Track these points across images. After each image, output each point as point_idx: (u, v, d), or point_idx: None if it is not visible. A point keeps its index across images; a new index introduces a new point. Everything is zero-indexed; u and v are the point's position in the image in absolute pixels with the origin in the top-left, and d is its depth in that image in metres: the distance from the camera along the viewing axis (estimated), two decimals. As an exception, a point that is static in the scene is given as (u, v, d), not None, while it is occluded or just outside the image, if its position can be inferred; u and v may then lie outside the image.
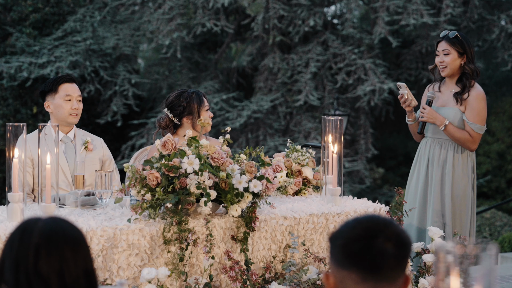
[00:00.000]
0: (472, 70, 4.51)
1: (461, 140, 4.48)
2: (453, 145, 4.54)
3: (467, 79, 4.51)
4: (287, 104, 12.29)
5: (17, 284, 1.74)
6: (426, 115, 4.52)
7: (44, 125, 3.35)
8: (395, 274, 1.77)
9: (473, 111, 4.49)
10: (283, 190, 3.88)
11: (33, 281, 1.73)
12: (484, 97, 4.55)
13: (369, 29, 12.49)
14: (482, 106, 4.51)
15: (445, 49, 4.53)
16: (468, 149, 4.52)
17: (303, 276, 3.27)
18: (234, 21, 13.02)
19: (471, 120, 4.48)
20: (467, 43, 4.53)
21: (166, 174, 3.09)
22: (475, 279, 1.61)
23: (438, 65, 4.57)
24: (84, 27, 12.38)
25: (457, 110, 4.51)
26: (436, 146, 4.57)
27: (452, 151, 4.53)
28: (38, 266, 1.73)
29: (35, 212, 3.26)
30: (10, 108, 11.98)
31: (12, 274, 1.74)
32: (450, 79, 4.60)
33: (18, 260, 1.74)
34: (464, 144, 4.49)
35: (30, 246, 1.75)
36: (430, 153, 4.58)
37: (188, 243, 3.09)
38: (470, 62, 4.52)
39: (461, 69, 4.54)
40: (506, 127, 12.71)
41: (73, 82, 4.11)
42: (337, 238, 1.81)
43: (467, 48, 4.51)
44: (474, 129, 4.47)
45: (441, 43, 4.58)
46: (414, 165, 4.70)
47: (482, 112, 4.52)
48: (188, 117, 4.13)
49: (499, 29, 12.06)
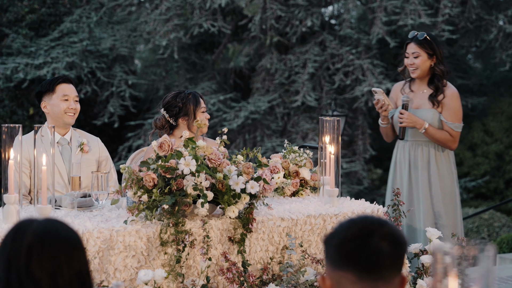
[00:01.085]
0: (442, 71, 4.56)
1: (442, 140, 4.52)
2: (433, 145, 4.58)
3: (438, 80, 4.56)
4: (285, 105, 12.28)
5: (8, 283, 1.72)
6: (405, 120, 4.54)
7: (39, 126, 3.34)
8: (391, 274, 1.78)
9: (450, 111, 4.55)
10: (280, 191, 3.88)
11: (24, 281, 1.72)
12: (459, 96, 4.61)
13: (367, 29, 12.48)
14: (458, 105, 4.57)
15: (414, 51, 4.56)
16: (449, 148, 4.58)
17: (300, 277, 3.27)
18: (231, 22, 13.01)
19: (450, 120, 4.53)
20: (436, 44, 4.57)
21: (162, 175, 3.09)
22: (473, 280, 1.62)
23: (408, 67, 4.60)
24: (81, 28, 12.35)
25: (434, 111, 4.55)
26: (417, 148, 4.60)
27: (434, 150, 4.58)
28: (29, 266, 1.72)
29: (31, 214, 3.25)
30: (6, 110, 11.94)
31: (4, 273, 1.73)
32: (420, 80, 4.63)
33: (10, 259, 1.73)
34: (445, 144, 4.54)
35: (22, 245, 1.74)
36: (411, 157, 4.61)
37: (185, 245, 3.09)
38: (440, 63, 4.57)
39: (431, 70, 4.57)
40: (505, 128, 12.71)
41: (70, 83, 4.10)
42: (332, 239, 1.82)
43: (437, 49, 4.55)
44: (453, 128, 4.53)
45: (410, 44, 4.60)
46: (394, 168, 4.73)
47: (459, 110, 4.58)
48: (184, 118, 4.12)
49: (497, 29, 12.06)
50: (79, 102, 4.14)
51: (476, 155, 12.64)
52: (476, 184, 12.32)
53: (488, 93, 13.42)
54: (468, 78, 13.28)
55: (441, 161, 4.57)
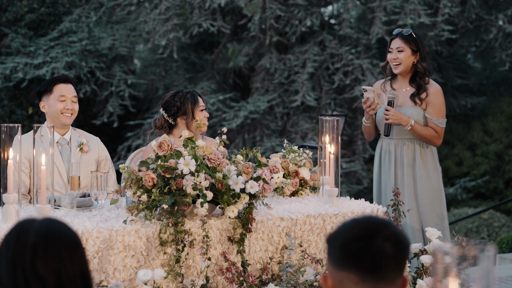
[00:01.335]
0: (425, 68, 4.58)
1: (427, 137, 4.54)
2: (418, 142, 4.59)
3: (420, 78, 4.57)
4: (284, 104, 12.27)
5: (15, 284, 1.74)
6: (391, 116, 4.54)
7: (39, 125, 3.34)
8: (394, 275, 1.77)
9: (435, 107, 4.56)
10: (280, 191, 3.87)
11: (31, 280, 1.73)
12: (442, 92, 4.65)
13: (366, 29, 12.47)
14: (441, 101, 4.59)
15: (399, 46, 4.58)
16: (434, 145, 4.60)
17: (300, 277, 3.26)
18: (231, 22, 13.00)
19: (434, 116, 4.55)
20: (420, 41, 4.61)
21: (162, 175, 3.08)
22: (474, 280, 1.61)
23: (391, 62, 4.61)
24: (80, 28, 12.34)
25: (419, 109, 4.57)
26: (402, 146, 4.60)
27: (419, 147, 4.60)
28: (35, 265, 1.74)
29: (30, 214, 3.24)
30: (6, 109, 11.94)
31: (9, 274, 1.74)
32: (402, 77, 4.64)
33: (15, 260, 1.74)
34: (430, 141, 4.56)
35: (27, 245, 1.75)
36: (397, 154, 4.60)
37: (184, 245, 3.08)
38: (423, 60, 4.58)
39: (414, 67, 4.59)
40: (504, 127, 12.70)
41: (69, 83, 4.09)
42: (335, 239, 1.81)
43: (421, 46, 4.59)
44: (438, 124, 4.54)
45: (394, 40, 4.62)
46: (378, 167, 4.71)
47: (442, 107, 4.61)
48: (182, 117, 4.12)
49: (497, 29, 12.06)
50: (78, 102, 4.13)
51: (475, 155, 12.63)
52: (475, 184, 12.32)
53: (488, 93, 13.42)
54: (468, 78, 13.28)
55: (426, 157, 4.59)
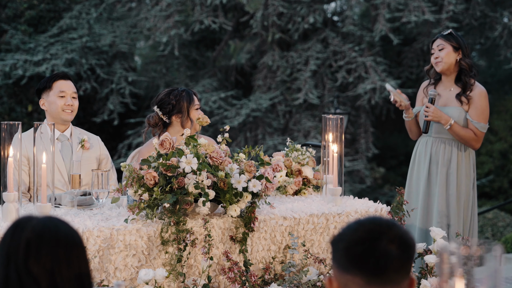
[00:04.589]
0: (469, 65, 4.51)
1: (466, 138, 4.46)
2: (457, 143, 4.52)
3: (465, 76, 4.51)
4: (287, 102, 12.24)
5: (7, 281, 1.70)
6: (431, 114, 4.49)
7: (39, 123, 3.32)
8: (399, 277, 1.74)
9: (477, 110, 4.49)
10: (282, 190, 3.85)
11: (24, 277, 1.70)
12: (487, 96, 4.56)
13: (370, 26, 12.43)
14: (485, 104, 4.51)
15: (439, 44, 4.55)
16: (472, 147, 4.52)
17: (303, 277, 3.24)
18: (233, 18, 12.97)
19: (475, 119, 4.48)
20: (461, 39, 4.57)
21: (164, 174, 3.06)
22: (480, 280, 1.60)
23: (433, 62, 4.57)
24: (80, 24, 12.31)
25: (461, 110, 4.50)
26: (439, 145, 4.54)
27: (456, 149, 4.52)
28: (28, 262, 1.70)
29: (31, 212, 3.22)
30: (5, 107, 11.91)
31: (3, 269, 1.72)
32: (447, 77, 4.58)
33: (9, 255, 1.72)
34: (468, 143, 4.48)
35: (21, 241, 1.72)
36: (433, 152, 4.54)
37: (186, 244, 3.07)
38: (466, 57, 4.52)
39: (458, 65, 4.54)
40: (509, 126, 12.66)
41: (68, 79, 4.09)
42: (339, 241, 1.78)
43: (462, 44, 4.55)
44: (479, 128, 4.47)
45: (435, 41, 4.61)
46: (413, 164, 4.66)
47: (486, 110, 4.52)
48: (177, 115, 4.12)
49: (502, 27, 12.01)
50: (78, 100, 4.12)
51: (480, 153, 12.58)
52: (480, 183, 12.27)
53: (493, 91, 13.36)
54: (472, 76, 13.23)
55: (462, 161, 4.51)
